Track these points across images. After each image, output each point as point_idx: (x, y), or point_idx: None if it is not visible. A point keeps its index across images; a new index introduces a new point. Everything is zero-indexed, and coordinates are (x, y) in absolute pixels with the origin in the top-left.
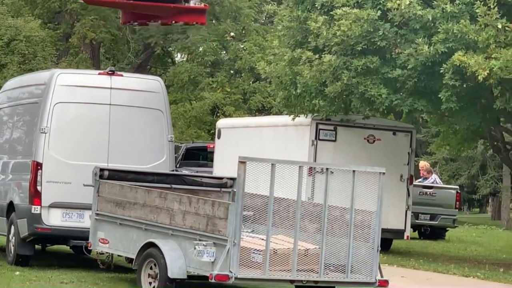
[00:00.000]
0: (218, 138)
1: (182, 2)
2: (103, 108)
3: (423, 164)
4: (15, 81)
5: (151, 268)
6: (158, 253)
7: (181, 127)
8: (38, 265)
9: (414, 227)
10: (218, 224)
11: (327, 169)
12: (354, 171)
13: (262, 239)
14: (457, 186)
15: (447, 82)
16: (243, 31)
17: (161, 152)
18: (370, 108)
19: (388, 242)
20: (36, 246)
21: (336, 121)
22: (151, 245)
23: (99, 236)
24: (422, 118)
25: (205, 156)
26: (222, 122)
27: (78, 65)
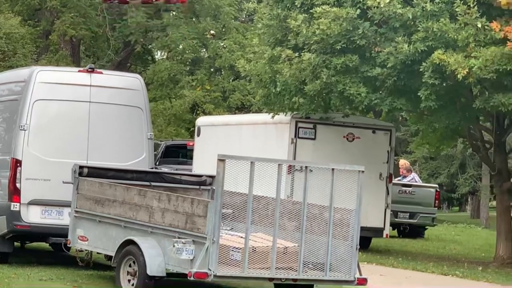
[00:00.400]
0: (198, 136)
1: None
2: (83, 105)
3: (403, 162)
4: None
5: (130, 265)
6: (137, 250)
7: (160, 125)
8: (17, 262)
9: (393, 226)
10: (197, 222)
11: (307, 167)
12: (333, 169)
13: (241, 237)
14: (436, 185)
15: (427, 80)
16: (223, 29)
17: (140, 149)
18: (350, 106)
19: (367, 240)
20: (15, 243)
21: (315, 119)
22: (130, 242)
23: (78, 233)
24: (402, 117)
25: (184, 153)
26: (201, 120)
27: (58, 62)
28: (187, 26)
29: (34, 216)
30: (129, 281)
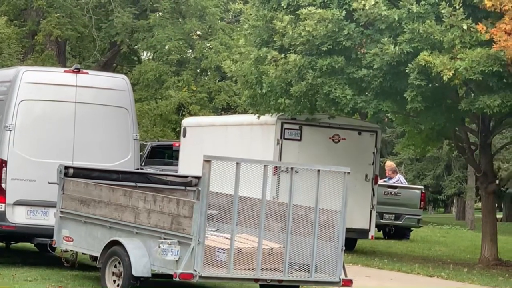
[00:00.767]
0: (184, 136)
1: None
2: (69, 106)
3: (389, 163)
4: None
5: (116, 266)
6: (123, 251)
7: (146, 125)
8: (2, 262)
9: (379, 227)
10: (183, 222)
11: (292, 168)
12: (319, 171)
13: (227, 238)
14: (421, 186)
15: (413, 82)
16: (209, 30)
17: (126, 150)
18: (335, 108)
19: (352, 241)
20: (0, 244)
21: (301, 120)
22: (116, 243)
23: (64, 234)
24: (388, 118)
25: (170, 154)
26: (187, 121)
27: (44, 62)
28: (173, 26)
29: (19, 216)
30: (114, 281)
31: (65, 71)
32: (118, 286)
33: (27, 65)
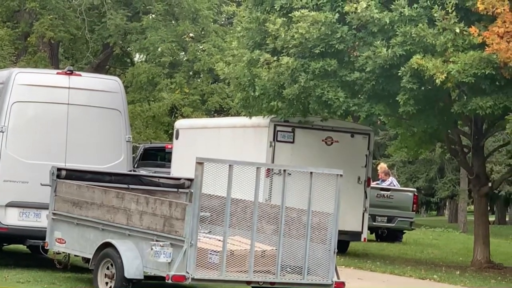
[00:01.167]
0: (176, 138)
1: None
2: (61, 107)
3: (382, 166)
4: None
5: (108, 268)
6: (115, 253)
7: (138, 127)
8: None
9: (371, 229)
10: (175, 224)
11: (285, 170)
12: (311, 173)
13: (219, 240)
14: (414, 189)
15: (405, 85)
16: (202, 32)
17: (119, 152)
18: (328, 110)
19: (345, 244)
20: None
21: (294, 122)
22: (108, 245)
23: (56, 235)
24: (380, 121)
25: (163, 156)
26: (180, 123)
27: (37, 64)
28: (166, 29)
29: (12, 218)
30: (106, 283)
31: (58, 73)
32: None
33: (20, 67)
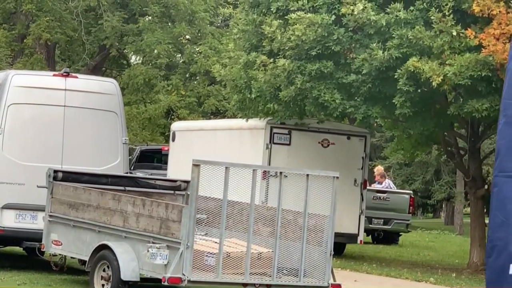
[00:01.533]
0: (173, 140)
1: None
2: (58, 109)
3: (377, 168)
4: None
5: (104, 270)
6: (111, 255)
7: (135, 129)
8: None
9: (368, 232)
10: (172, 226)
11: (281, 173)
12: (308, 175)
13: (216, 242)
14: (410, 191)
15: (401, 87)
16: (199, 34)
17: (115, 154)
18: (324, 113)
19: (341, 246)
20: None
21: (290, 125)
22: (104, 247)
23: (52, 237)
24: (377, 123)
25: (159, 158)
26: (176, 125)
27: (33, 65)
28: (162, 30)
29: (8, 220)
30: (103, 285)
31: (54, 75)
32: None
33: (16, 68)
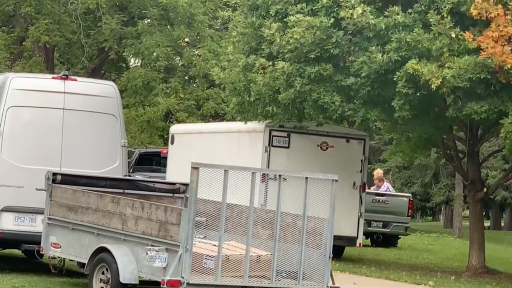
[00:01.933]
0: (172, 143)
1: None
2: (57, 112)
3: (376, 172)
4: None
5: (103, 273)
6: (110, 258)
7: (133, 132)
8: None
9: (367, 235)
10: (171, 229)
11: (280, 175)
12: (307, 178)
13: (215, 245)
14: (409, 194)
15: (400, 90)
16: (198, 37)
17: (114, 157)
18: (323, 115)
19: (340, 249)
20: None
21: (289, 128)
22: (103, 250)
23: (51, 240)
24: (375, 126)
25: (158, 161)
26: (175, 128)
27: (32, 68)
28: (161, 33)
29: (7, 223)
30: None
31: (53, 78)
32: None
33: (15, 71)
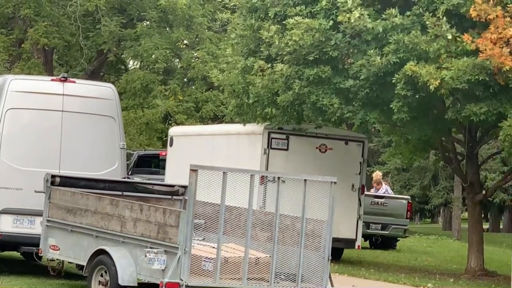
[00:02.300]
0: (170, 145)
1: None
2: (56, 114)
3: (375, 175)
4: None
5: (102, 275)
6: (109, 260)
7: (132, 134)
8: None
9: (365, 237)
10: (169, 231)
11: (279, 178)
12: (305, 180)
13: (213, 247)
14: (408, 196)
15: (399, 92)
16: (196, 39)
17: (113, 159)
18: (322, 118)
19: (339, 251)
20: None
21: (288, 130)
22: (102, 252)
23: (50, 242)
24: (374, 128)
25: (157, 163)
26: (174, 130)
27: (30, 70)
28: (160, 35)
29: (5, 225)
30: None
31: (52, 80)
32: None
33: (14, 73)
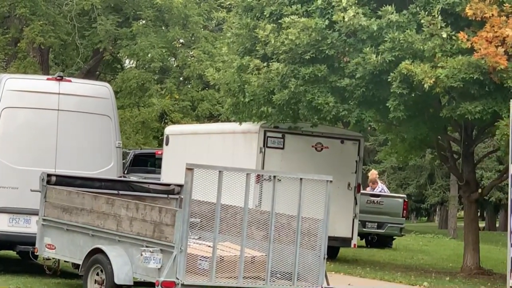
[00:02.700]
0: (166, 144)
1: None
2: (51, 113)
3: (370, 173)
4: None
5: (98, 274)
6: (105, 259)
7: (128, 133)
8: None
9: (361, 235)
10: (165, 230)
11: (275, 176)
12: (301, 179)
13: (209, 246)
14: (404, 195)
15: (395, 90)
16: (192, 38)
17: (109, 158)
18: (318, 116)
19: (335, 250)
20: None
21: (284, 128)
22: (98, 251)
23: (46, 241)
24: (370, 127)
25: (153, 162)
26: (170, 129)
27: (26, 69)
28: (156, 34)
29: (1, 224)
30: None
31: (48, 79)
32: None
33: (10, 72)
